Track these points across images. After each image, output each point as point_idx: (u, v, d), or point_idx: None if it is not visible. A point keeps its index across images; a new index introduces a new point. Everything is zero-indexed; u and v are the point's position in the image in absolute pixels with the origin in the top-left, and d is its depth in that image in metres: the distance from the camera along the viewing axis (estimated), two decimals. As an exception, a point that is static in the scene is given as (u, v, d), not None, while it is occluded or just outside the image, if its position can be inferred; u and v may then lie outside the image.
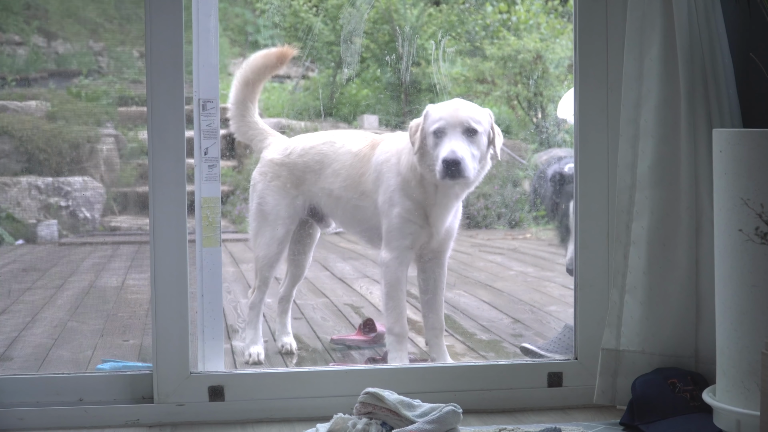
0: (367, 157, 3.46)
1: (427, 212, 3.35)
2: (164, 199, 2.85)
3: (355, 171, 3.47)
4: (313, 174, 3.55)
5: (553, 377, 3.05)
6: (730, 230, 2.52)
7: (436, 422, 2.61)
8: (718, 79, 2.85)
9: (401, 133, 3.45)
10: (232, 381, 2.93)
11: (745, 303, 2.51)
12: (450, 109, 3.29)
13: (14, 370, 3.55)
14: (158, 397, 2.89)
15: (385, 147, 3.44)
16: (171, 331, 2.88)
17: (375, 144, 3.48)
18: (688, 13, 2.83)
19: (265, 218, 3.60)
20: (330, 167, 3.52)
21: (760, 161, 2.47)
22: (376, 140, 3.50)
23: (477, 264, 6.06)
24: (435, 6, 6.61)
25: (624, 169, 2.91)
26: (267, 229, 3.59)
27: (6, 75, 6.18)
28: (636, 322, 2.90)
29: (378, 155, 3.43)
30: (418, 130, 3.30)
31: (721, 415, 2.59)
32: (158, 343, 2.89)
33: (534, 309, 4.72)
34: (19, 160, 6.18)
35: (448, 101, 3.36)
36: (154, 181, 2.87)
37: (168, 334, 2.88)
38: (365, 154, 3.47)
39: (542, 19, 6.86)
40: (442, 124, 3.26)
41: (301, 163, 3.57)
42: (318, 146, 3.57)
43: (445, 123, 3.26)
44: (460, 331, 4.25)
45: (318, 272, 5.56)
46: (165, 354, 2.90)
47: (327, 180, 3.52)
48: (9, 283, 5.21)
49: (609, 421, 2.85)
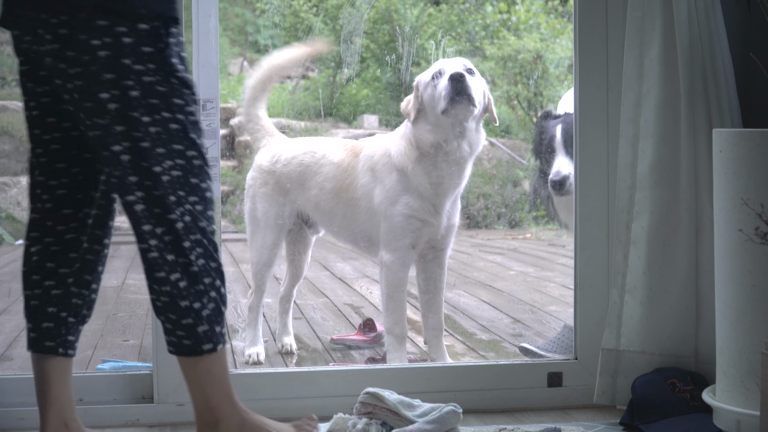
0: (351, 165, 3.46)
1: (431, 198, 3.32)
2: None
3: (339, 183, 3.46)
4: (297, 184, 3.53)
5: (553, 377, 3.05)
6: (730, 230, 2.52)
7: (436, 422, 2.61)
8: (718, 79, 2.85)
9: (380, 135, 3.46)
10: (232, 381, 2.93)
11: (745, 303, 2.51)
12: (445, 61, 3.37)
13: (14, 370, 3.55)
14: (158, 397, 2.89)
15: (369, 151, 3.44)
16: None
17: (356, 151, 3.48)
18: (688, 13, 2.83)
19: (257, 224, 3.60)
20: (313, 179, 3.50)
21: (760, 161, 2.47)
22: (356, 148, 3.50)
23: (477, 264, 6.06)
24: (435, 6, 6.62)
25: (624, 169, 2.91)
26: (258, 235, 3.60)
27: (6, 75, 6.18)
28: (636, 322, 2.90)
29: (364, 162, 3.42)
30: (410, 101, 3.35)
31: (721, 415, 2.60)
32: (158, 343, 2.89)
33: (534, 309, 4.72)
34: (19, 160, 6.17)
35: None
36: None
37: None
38: (348, 163, 3.46)
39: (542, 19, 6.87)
40: (440, 67, 3.32)
41: (285, 173, 3.56)
42: (299, 156, 3.55)
43: (443, 65, 3.32)
44: (460, 331, 4.26)
45: (318, 272, 5.57)
46: (165, 354, 2.89)
47: (312, 192, 3.50)
48: (9, 283, 5.21)
49: (609, 421, 2.85)
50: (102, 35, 2.11)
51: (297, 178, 3.53)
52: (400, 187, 3.33)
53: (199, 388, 2.26)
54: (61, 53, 2.14)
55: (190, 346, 2.22)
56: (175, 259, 2.18)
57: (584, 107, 3.03)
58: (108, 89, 2.13)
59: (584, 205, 3.04)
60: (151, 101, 2.15)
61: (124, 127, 2.14)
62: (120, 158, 2.16)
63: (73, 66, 2.13)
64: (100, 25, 2.11)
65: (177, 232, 2.18)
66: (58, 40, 2.13)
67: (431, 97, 3.29)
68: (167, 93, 2.16)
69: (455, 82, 3.24)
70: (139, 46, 2.13)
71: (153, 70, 2.15)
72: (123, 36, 2.11)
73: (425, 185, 3.31)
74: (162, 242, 2.18)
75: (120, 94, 2.13)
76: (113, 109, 2.13)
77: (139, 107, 2.14)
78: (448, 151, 3.29)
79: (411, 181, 3.31)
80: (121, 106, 2.13)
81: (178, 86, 2.18)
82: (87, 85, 2.14)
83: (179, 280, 2.18)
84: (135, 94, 2.13)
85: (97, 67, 2.12)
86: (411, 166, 3.30)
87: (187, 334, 2.22)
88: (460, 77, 3.24)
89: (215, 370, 2.27)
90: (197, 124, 2.22)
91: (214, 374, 2.27)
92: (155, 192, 2.17)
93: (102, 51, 2.11)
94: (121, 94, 2.13)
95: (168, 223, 2.18)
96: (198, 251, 2.21)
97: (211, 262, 2.24)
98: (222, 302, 2.26)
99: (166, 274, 2.18)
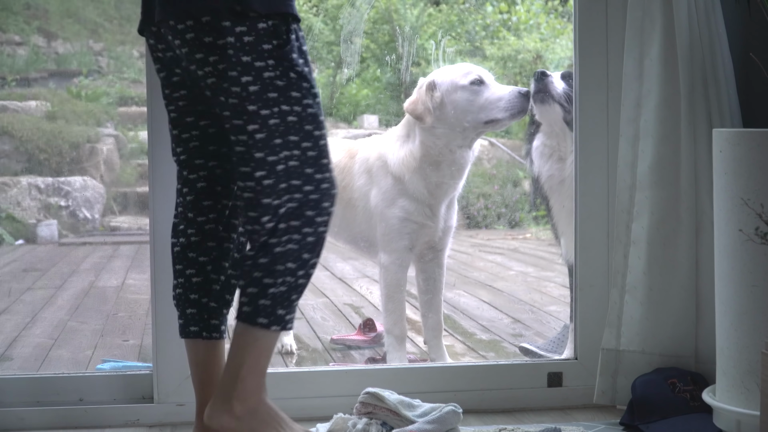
0: (348, 167, 3.45)
1: (427, 201, 3.32)
2: (164, 198, 2.85)
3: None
4: None
5: (553, 377, 3.05)
6: (730, 230, 2.52)
7: (436, 422, 2.61)
8: (718, 79, 2.85)
9: (376, 136, 3.45)
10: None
11: (745, 303, 2.51)
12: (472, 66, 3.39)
13: (14, 370, 3.55)
14: (158, 397, 2.89)
15: (365, 154, 3.43)
16: (171, 331, 2.88)
17: (352, 153, 3.47)
18: (688, 13, 2.83)
19: None
20: None
21: (760, 161, 2.47)
22: (353, 149, 3.49)
23: (477, 264, 6.06)
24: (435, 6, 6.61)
25: (624, 169, 2.91)
26: None
27: (6, 75, 6.18)
28: (636, 322, 2.90)
29: (360, 164, 3.42)
30: (417, 102, 3.31)
31: (721, 415, 2.60)
32: (158, 343, 2.89)
33: (534, 309, 4.72)
34: (19, 160, 6.18)
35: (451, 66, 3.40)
36: (153, 181, 2.87)
37: (168, 335, 2.87)
38: (345, 164, 3.46)
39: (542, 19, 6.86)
40: (477, 74, 3.33)
41: None
42: None
43: (478, 71, 3.34)
44: (460, 331, 4.25)
45: (318, 272, 5.55)
46: (165, 354, 2.90)
47: None
48: (9, 283, 5.21)
49: (609, 421, 2.85)
50: (225, 36, 2.25)
51: None
52: (396, 190, 3.33)
53: (239, 357, 2.33)
54: (190, 56, 2.30)
55: (248, 313, 2.31)
56: (267, 240, 2.29)
57: (584, 107, 3.03)
58: (231, 85, 2.26)
59: (584, 205, 3.04)
60: (269, 95, 2.28)
61: (242, 120, 2.27)
62: (236, 149, 2.30)
63: (202, 67, 2.28)
64: (224, 27, 2.25)
65: (278, 216, 2.29)
66: (186, 44, 2.29)
67: (469, 103, 3.28)
68: (285, 86, 2.29)
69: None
70: (260, 44, 2.27)
71: (272, 66, 2.28)
72: (244, 35, 2.26)
73: (421, 189, 3.31)
74: (263, 228, 2.29)
75: (240, 91, 2.26)
76: (233, 104, 2.27)
77: (257, 101, 2.27)
78: (455, 158, 3.30)
79: (407, 186, 3.31)
80: (239, 101, 2.26)
81: (296, 80, 2.31)
82: (215, 83, 2.28)
83: (261, 257, 2.28)
84: (254, 89, 2.26)
85: (223, 65, 2.26)
86: (408, 176, 3.31)
87: (248, 301, 2.30)
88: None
89: (260, 345, 2.34)
90: (316, 116, 2.34)
91: (256, 349, 2.34)
92: (265, 181, 2.28)
93: (227, 50, 2.25)
94: (242, 90, 2.26)
95: (272, 210, 2.29)
96: (293, 237, 2.30)
97: (305, 253, 2.33)
98: (296, 291, 2.36)
99: (255, 252, 2.30)
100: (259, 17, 2.26)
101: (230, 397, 2.33)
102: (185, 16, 2.28)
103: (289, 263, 2.30)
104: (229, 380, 2.33)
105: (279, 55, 2.29)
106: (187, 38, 2.29)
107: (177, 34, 2.30)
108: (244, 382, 2.32)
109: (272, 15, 2.28)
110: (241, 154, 2.29)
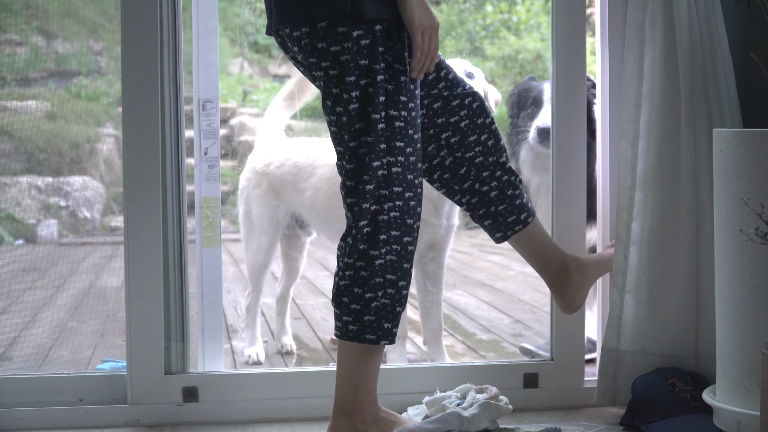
0: None
1: (430, 199, 3.31)
2: (138, 197, 2.83)
3: (334, 185, 3.45)
4: (291, 186, 3.52)
5: (529, 378, 3.02)
6: (730, 230, 2.52)
7: (436, 422, 2.61)
8: (718, 79, 2.85)
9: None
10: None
11: (745, 303, 2.51)
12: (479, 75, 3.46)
13: (14, 370, 3.55)
14: (132, 397, 2.88)
15: None
16: (146, 331, 2.87)
17: None
18: (689, 13, 2.83)
19: (252, 226, 3.59)
20: (307, 181, 3.49)
21: (760, 161, 2.47)
22: None
23: (477, 264, 6.06)
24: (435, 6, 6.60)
25: (624, 169, 2.91)
26: (254, 238, 3.59)
27: (6, 75, 6.18)
28: (636, 322, 2.90)
29: None
30: None
31: (721, 415, 2.59)
32: (132, 343, 2.88)
33: (534, 309, 4.72)
34: (19, 160, 6.17)
35: None
36: (127, 180, 2.85)
37: (143, 334, 2.86)
38: None
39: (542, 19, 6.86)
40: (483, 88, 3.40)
41: (279, 174, 3.54)
42: (293, 158, 3.53)
43: (485, 87, 3.42)
44: (460, 331, 4.25)
45: (318, 272, 5.56)
46: (139, 354, 2.89)
47: (306, 194, 3.49)
48: (9, 283, 5.21)
49: (609, 421, 2.85)
50: (341, 41, 2.27)
51: (291, 180, 3.52)
52: None
53: (352, 375, 2.38)
54: (305, 61, 2.35)
55: (355, 331, 2.33)
56: (366, 249, 2.30)
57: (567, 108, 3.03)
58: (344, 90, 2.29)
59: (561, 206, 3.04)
60: (379, 99, 2.30)
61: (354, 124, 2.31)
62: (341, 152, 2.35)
63: (316, 70, 2.32)
64: (339, 32, 2.27)
65: (378, 224, 2.30)
66: (301, 51, 2.33)
67: None
68: (394, 91, 2.31)
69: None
70: (376, 47, 2.29)
71: (383, 69, 2.30)
72: (361, 39, 2.27)
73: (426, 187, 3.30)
74: (360, 233, 2.30)
75: (358, 94, 2.29)
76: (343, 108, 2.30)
77: (368, 105, 2.29)
78: None
79: None
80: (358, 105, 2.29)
81: (405, 83, 2.32)
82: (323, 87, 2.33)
83: (362, 269, 2.29)
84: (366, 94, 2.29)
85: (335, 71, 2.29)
86: None
87: (353, 320, 2.33)
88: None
89: (372, 362, 2.39)
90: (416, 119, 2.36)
91: (369, 366, 2.39)
92: (368, 186, 2.30)
93: (341, 56, 2.28)
94: (360, 94, 2.29)
95: (371, 215, 2.30)
96: (393, 247, 2.32)
97: (405, 263, 2.34)
98: (398, 302, 2.36)
99: (353, 261, 2.31)
100: (374, 20, 2.28)
101: (351, 415, 2.40)
102: (301, 22, 2.30)
103: (389, 274, 2.31)
104: (347, 398, 2.38)
105: (391, 58, 2.31)
106: (302, 45, 2.32)
107: (293, 41, 2.34)
108: (362, 401, 2.39)
109: (386, 17, 2.30)
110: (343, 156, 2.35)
